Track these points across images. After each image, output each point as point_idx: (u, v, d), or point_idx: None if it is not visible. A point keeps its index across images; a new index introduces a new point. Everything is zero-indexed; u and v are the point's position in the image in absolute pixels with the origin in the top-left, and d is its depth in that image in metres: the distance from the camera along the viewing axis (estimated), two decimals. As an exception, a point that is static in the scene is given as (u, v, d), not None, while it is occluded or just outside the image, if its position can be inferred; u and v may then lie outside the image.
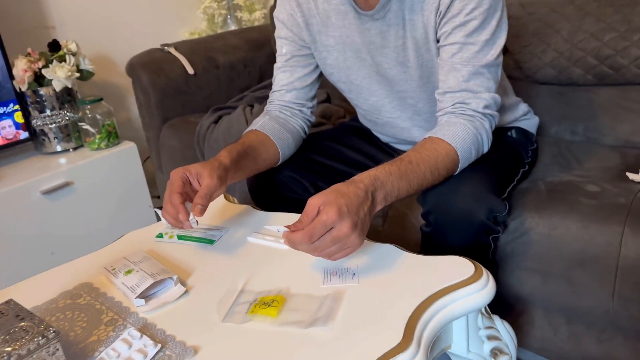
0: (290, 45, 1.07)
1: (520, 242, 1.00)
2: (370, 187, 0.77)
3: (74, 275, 0.87)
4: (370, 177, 0.78)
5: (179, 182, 0.87)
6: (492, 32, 0.90)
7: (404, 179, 0.81)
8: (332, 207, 0.71)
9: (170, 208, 0.85)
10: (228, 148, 0.96)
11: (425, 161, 0.84)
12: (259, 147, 1.01)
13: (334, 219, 0.71)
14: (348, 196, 0.73)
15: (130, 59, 1.85)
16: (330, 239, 0.72)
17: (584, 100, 1.37)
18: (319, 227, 0.71)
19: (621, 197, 0.97)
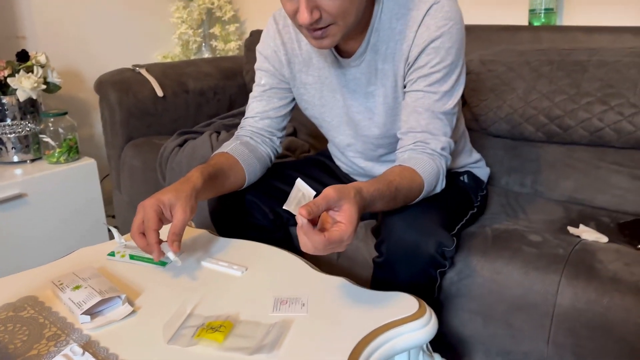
0: (270, 78, 1.12)
1: (465, 283, 1.04)
2: (369, 204, 0.81)
3: (19, 287, 0.86)
4: (372, 196, 0.82)
5: (155, 219, 0.87)
6: (452, 85, 0.97)
7: (384, 202, 0.86)
8: (352, 227, 0.74)
9: (141, 242, 0.86)
10: (200, 169, 0.98)
11: (404, 191, 0.90)
12: (228, 170, 1.04)
13: (350, 238, 0.74)
14: (359, 214, 0.77)
15: (100, 77, 1.85)
16: (331, 248, 0.74)
17: (534, 156, 1.45)
18: (337, 241, 0.73)
19: (560, 248, 1.03)
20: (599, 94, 1.30)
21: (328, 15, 0.86)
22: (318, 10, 0.85)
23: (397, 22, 0.97)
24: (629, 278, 0.92)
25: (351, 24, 0.90)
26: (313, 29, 0.88)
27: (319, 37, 0.90)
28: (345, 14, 0.87)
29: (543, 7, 1.60)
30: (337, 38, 0.91)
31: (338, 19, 0.87)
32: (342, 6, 0.86)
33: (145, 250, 0.87)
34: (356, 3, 0.89)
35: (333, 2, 0.85)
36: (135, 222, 0.87)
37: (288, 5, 0.88)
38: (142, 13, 2.37)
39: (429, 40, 0.94)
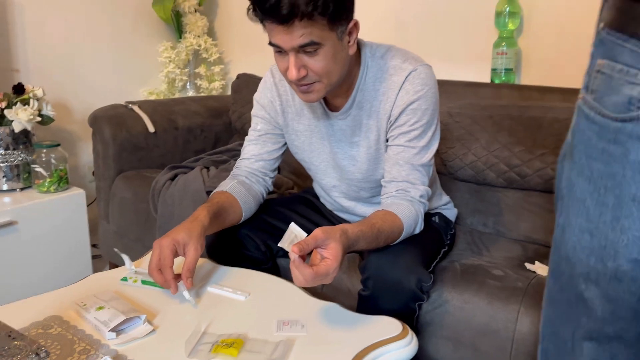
0: (266, 124, 1.25)
1: (437, 312, 1.18)
2: (353, 244, 0.95)
3: (43, 308, 0.94)
4: (356, 237, 0.96)
5: (171, 257, 0.98)
6: (428, 140, 1.13)
7: (367, 242, 1.00)
8: (337, 263, 0.89)
9: (159, 278, 0.97)
10: (206, 207, 1.09)
11: (386, 232, 1.04)
12: (229, 208, 1.16)
13: (335, 272, 0.89)
14: (344, 252, 0.91)
15: (95, 112, 1.94)
16: (319, 280, 0.89)
17: (495, 199, 1.63)
18: (323, 275, 0.88)
19: (519, 282, 1.18)
20: (553, 146, 1.49)
21: (314, 73, 1.01)
22: (305, 68, 1.00)
23: (381, 85, 1.13)
24: (577, 308, 1.08)
25: (335, 82, 1.06)
26: (300, 84, 1.03)
27: (305, 91, 1.05)
28: (329, 73, 1.02)
29: (504, 67, 1.81)
30: (322, 94, 1.06)
31: (322, 78, 1.03)
32: (326, 67, 1.01)
33: (162, 286, 0.97)
34: (340, 65, 1.04)
35: (318, 63, 1.00)
36: (154, 259, 0.98)
37: (280, 63, 1.03)
38: (131, 51, 2.49)
39: (409, 102, 1.10)
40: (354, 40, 1.05)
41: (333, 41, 0.99)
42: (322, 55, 0.99)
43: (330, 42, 0.99)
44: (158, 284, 0.98)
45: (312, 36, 0.95)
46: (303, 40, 0.96)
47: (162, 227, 1.65)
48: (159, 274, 0.97)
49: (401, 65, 1.11)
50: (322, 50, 0.98)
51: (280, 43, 0.97)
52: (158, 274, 0.97)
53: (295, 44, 0.96)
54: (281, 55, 1.01)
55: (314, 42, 0.96)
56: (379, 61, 1.13)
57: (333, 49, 1.00)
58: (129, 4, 2.44)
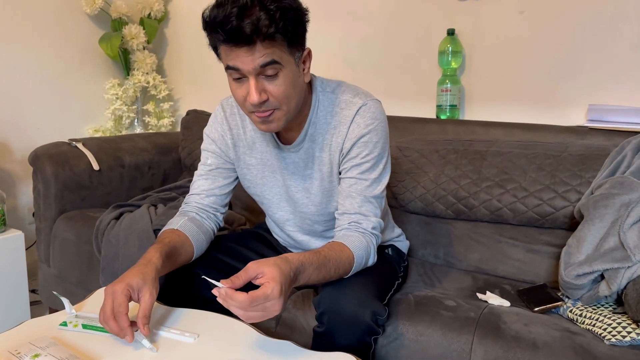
0: (216, 159, 1.24)
1: (393, 345, 1.16)
2: (297, 270, 0.94)
3: (-29, 359, 0.87)
4: (299, 262, 0.95)
5: (126, 303, 0.93)
6: (380, 173, 1.14)
7: (317, 270, 0.98)
8: (277, 285, 0.86)
9: (114, 326, 0.91)
10: (157, 249, 1.05)
11: (334, 260, 1.03)
12: (180, 247, 1.12)
13: (276, 296, 0.86)
14: (285, 276, 0.89)
15: (36, 149, 1.87)
16: (262, 308, 0.86)
17: (445, 231, 1.66)
18: (261, 298, 0.85)
19: (472, 312, 1.19)
20: (497, 179, 1.55)
21: (274, 99, 1.01)
22: (265, 93, 1.00)
23: (332, 119, 1.14)
24: (528, 336, 1.10)
25: (292, 110, 1.06)
26: (260, 112, 1.03)
27: (265, 120, 1.04)
28: (288, 99, 1.03)
29: (448, 103, 1.88)
30: (282, 122, 1.06)
31: (282, 104, 1.02)
32: (286, 91, 1.01)
33: (117, 334, 0.91)
34: (297, 91, 1.05)
35: (278, 87, 1.00)
36: (107, 306, 0.92)
37: (238, 91, 1.02)
38: (77, 89, 2.43)
39: (360, 135, 1.12)
40: (308, 68, 1.07)
41: (291, 66, 1.00)
42: (282, 79, 0.99)
43: (289, 66, 1.00)
44: (113, 333, 0.92)
45: (274, 56, 0.96)
46: (265, 59, 0.96)
47: (106, 268, 1.58)
48: (114, 322, 0.91)
49: (352, 100, 1.13)
50: (282, 74, 0.99)
51: (240, 65, 0.97)
52: (113, 322, 0.91)
53: (257, 64, 0.96)
54: (239, 82, 1.01)
55: (275, 62, 0.97)
56: (330, 95, 1.15)
57: (292, 73, 1.01)
58: (74, 40, 2.39)
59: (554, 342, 1.07)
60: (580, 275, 1.21)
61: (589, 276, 1.20)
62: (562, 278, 1.25)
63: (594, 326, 1.12)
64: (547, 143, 1.58)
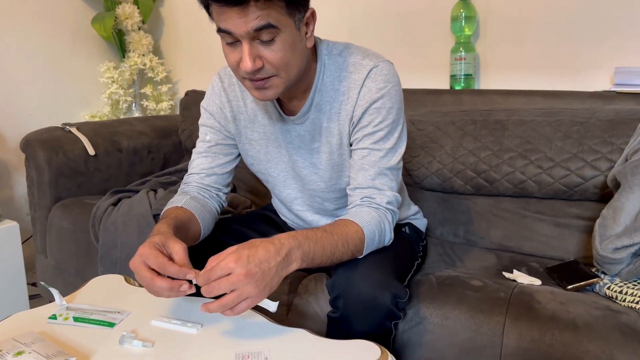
0: (215, 134, 1.13)
1: (416, 330, 1.07)
2: (286, 245, 0.84)
3: (-52, 358, 0.77)
4: (289, 237, 0.86)
5: (162, 256, 0.83)
6: (395, 142, 1.03)
7: (320, 244, 0.88)
8: (233, 255, 0.79)
9: (165, 283, 0.81)
10: (165, 222, 0.95)
11: (338, 233, 0.93)
12: (188, 222, 1.02)
13: (231, 266, 0.78)
14: (255, 248, 0.81)
15: (27, 135, 1.77)
16: (226, 282, 0.77)
17: (464, 207, 1.55)
18: (217, 270, 0.78)
19: (501, 291, 1.09)
20: (520, 149, 1.43)
21: (270, 66, 0.90)
22: (261, 59, 0.89)
23: (340, 84, 1.03)
24: (566, 316, 0.99)
25: (293, 77, 0.94)
26: (255, 79, 0.92)
27: (260, 87, 0.93)
28: (287, 66, 0.91)
29: (462, 72, 1.76)
30: (280, 90, 0.94)
31: (280, 71, 0.91)
32: (284, 58, 0.90)
33: (172, 288, 0.81)
34: (299, 58, 0.93)
35: (275, 53, 0.89)
36: (145, 271, 0.82)
37: (231, 56, 0.91)
38: (71, 72, 2.33)
39: (371, 101, 1.01)
40: (312, 31, 0.96)
41: (291, 29, 0.89)
42: (279, 45, 0.88)
43: (288, 29, 0.88)
44: (164, 291, 0.81)
45: (270, 18, 0.85)
46: (259, 22, 0.84)
47: (104, 257, 1.49)
48: (163, 280, 0.81)
49: (361, 62, 1.02)
50: (280, 38, 0.88)
51: (232, 28, 0.86)
52: (162, 280, 0.81)
53: (250, 27, 0.85)
54: (232, 46, 0.90)
55: (271, 25, 0.85)
56: (337, 58, 1.04)
57: (291, 37, 0.89)
58: (66, 21, 2.28)
59: (596, 322, 0.97)
60: (618, 249, 1.10)
61: (629, 249, 1.09)
62: (597, 252, 1.14)
63: (638, 303, 1.02)
64: (572, 109, 1.46)
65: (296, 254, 0.85)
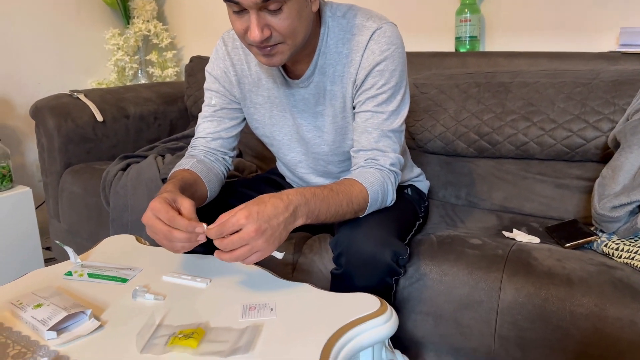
0: (220, 98, 1.15)
1: (416, 287, 1.11)
2: (294, 202, 0.86)
3: (-28, 311, 0.82)
4: (297, 193, 0.88)
5: (173, 210, 0.85)
6: (398, 104, 1.05)
7: (325, 202, 0.91)
8: (243, 212, 0.81)
9: (180, 235, 0.84)
10: (171, 183, 0.97)
11: (343, 192, 0.95)
12: (194, 184, 1.05)
13: (242, 222, 0.81)
14: (264, 204, 0.83)
15: (36, 102, 1.80)
16: (237, 238, 0.80)
17: (466, 170, 1.57)
18: (228, 226, 0.81)
19: (499, 249, 1.12)
20: (522, 111, 1.44)
21: (278, 34, 0.91)
22: (268, 28, 0.90)
23: (343, 47, 1.04)
24: (562, 272, 1.03)
25: (299, 43, 0.96)
26: (263, 46, 0.93)
27: (267, 54, 0.94)
28: (294, 33, 0.92)
29: (467, 34, 1.75)
30: (286, 56, 0.96)
31: (287, 39, 0.92)
32: (291, 25, 0.91)
33: (190, 238, 0.84)
34: (305, 24, 0.94)
35: (283, 22, 0.90)
36: (158, 225, 0.84)
37: (238, 24, 0.92)
38: (76, 40, 2.33)
39: (375, 63, 1.02)
40: None
41: None
42: (286, 13, 0.89)
43: None
44: (179, 244, 0.84)
45: None
46: None
47: (115, 220, 1.53)
48: (177, 232, 0.83)
49: (365, 24, 1.02)
50: (287, 7, 0.88)
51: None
52: (177, 232, 0.83)
53: None
54: (239, 15, 0.91)
55: None
56: (341, 20, 1.04)
57: (297, 4, 0.90)
58: (69, -12, 2.28)
59: (590, 277, 1.00)
60: (616, 207, 1.12)
61: (626, 207, 1.11)
62: (595, 211, 1.17)
63: (633, 259, 1.04)
64: (576, 71, 1.46)
65: (302, 210, 0.88)
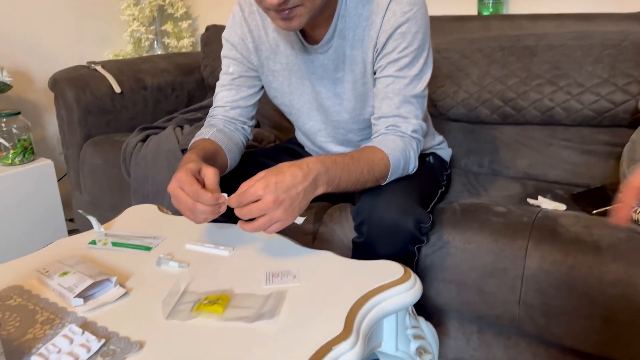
0: (238, 66, 1.13)
1: (438, 254, 1.09)
2: (314, 170, 0.85)
3: (0, 279, 0.83)
4: (316, 161, 0.87)
5: (197, 182, 0.85)
6: (420, 68, 1.01)
7: (346, 170, 0.90)
8: (262, 182, 0.81)
9: (204, 208, 0.84)
10: (193, 153, 0.96)
11: (364, 160, 0.94)
12: (215, 153, 1.04)
13: (259, 193, 0.80)
14: (283, 174, 0.82)
15: (54, 74, 1.80)
16: (256, 208, 0.80)
17: (490, 137, 1.54)
18: (247, 196, 0.81)
19: (525, 216, 1.10)
20: (548, 75, 1.40)
21: None
22: None
23: (363, 9, 1.00)
24: (589, 238, 1.00)
25: (318, 6, 0.92)
26: (280, 9, 0.90)
27: (286, 17, 0.91)
28: None
29: (491, -3, 1.69)
30: (305, 20, 0.92)
31: (305, 1, 0.89)
32: None
33: (213, 211, 0.84)
34: None
35: None
36: (183, 197, 0.84)
37: None
38: (91, 12, 2.31)
39: (396, 25, 0.98)
40: None
41: None
42: None
43: None
44: (202, 215, 0.84)
45: None
46: None
47: (137, 191, 1.54)
48: (201, 206, 0.83)
49: None
50: None
51: None
52: (200, 206, 0.83)
53: None
54: None
55: None
56: None
57: None
58: (83, -41, 2.25)
59: (620, 243, 0.98)
60: (646, 173, 1.09)
61: (657, 173, 1.08)
62: (624, 176, 1.13)
63: (664, 226, 1.02)
64: (604, 32, 1.40)
65: (323, 178, 0.87)
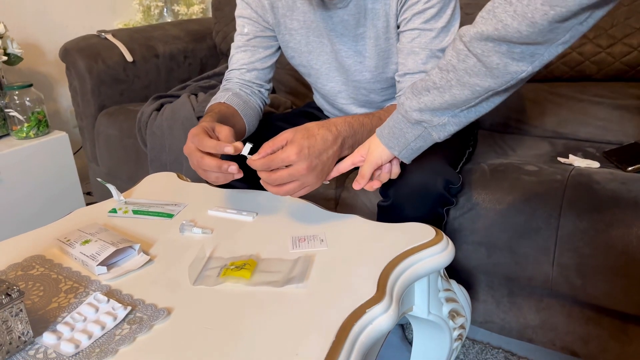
0: (253, 25, 1.08)
1: (467, 216, 1.06)
2: (343, 133, 0.83)
3: (22, 248, 0.82)
4: (345, 123, 0.84)
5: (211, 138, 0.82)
6: (448, 20, 0.95)
7: (372, 133, 0.86)
8: (294, 147, 0.77)
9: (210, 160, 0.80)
10: (208, 116, 0.93)
11: None
12: (231, 117, 1.01)
13: (292, 159, 0.77)
14: (314, 138, 0.79)
15: (65, 44, 1.76)
16: (287, 175, 0.78)
17: (515, 95, 1.48)
18: (277, 161, 0.78)
19: (557, 174, 1.06)
20: (578, 28, 1.33)
21: None
22: None
23: None
24: (627, 195, 0.96)
25: None
26: None
27: None
28: None
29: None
30: None
31: None
32: None
33: (220, 166, 0.80)
34: None
35: None
36: (195, 152, 0.81)
37: None
38: (99, -21, 2.26)
39: None
40: None
41: None
42: None
43: None
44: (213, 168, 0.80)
45: None
46: None
47: (154, 160, 1.52)
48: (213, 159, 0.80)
49: None
50: None
51: None
52: (212, 159, 0.80)
53: None
54: None
55: None
56: None
57: None
58: None
59: (660, 200, 0.93)
60: (687, 126, 1.04)
61: (699, 125, 1.02)
62: (662, 131, 1.08)
63: None
64: (639, -20, 1.32)
65: (349, 142, 0.85)
